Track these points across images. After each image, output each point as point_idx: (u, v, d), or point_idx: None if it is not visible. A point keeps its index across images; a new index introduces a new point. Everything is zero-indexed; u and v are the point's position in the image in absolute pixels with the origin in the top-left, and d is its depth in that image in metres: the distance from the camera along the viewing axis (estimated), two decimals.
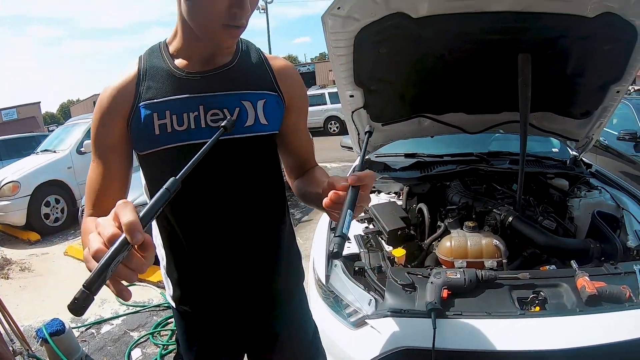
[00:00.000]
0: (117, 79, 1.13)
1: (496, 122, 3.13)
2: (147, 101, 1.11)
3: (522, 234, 2.25)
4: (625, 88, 2.67)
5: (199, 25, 1.07)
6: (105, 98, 1.12)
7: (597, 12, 2.16)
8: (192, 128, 1.12)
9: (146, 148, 1.13)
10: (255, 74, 1.21)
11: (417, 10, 2.15)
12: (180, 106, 1.12)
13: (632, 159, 5.61)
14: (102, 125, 1.13)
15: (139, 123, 1.11)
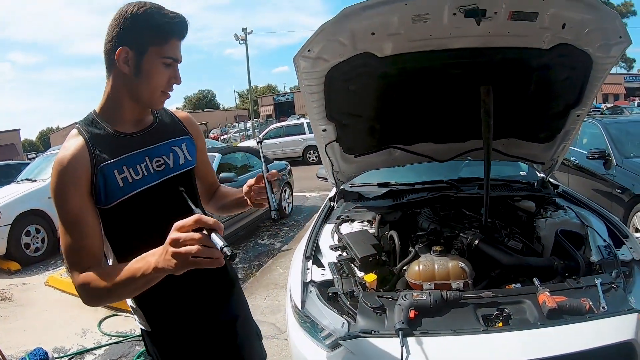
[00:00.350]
0: (69, 150, 1.31)
1: (463, 150, 3.28)
2: (105, 162, 1.33)
3: (488, 256, 2.38)
4: (585, 111, 2.84)
5: (145, 94, 1.36)
6: (66, 169, 1.29)
7: (553, 44, 2.36)
8: (145, 175, 1.40)
9: (113, 199, 1.34)
10: (172, 125, 1.55)
11: (382, 50, 2.32)
12: (132, 161, 1.38)
13: (603, 177, 5.78)
14: (71, 187, 1.29)
15: (104, 181, 1.32)
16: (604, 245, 2.37)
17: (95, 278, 1.23)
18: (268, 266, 5.87)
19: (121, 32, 1.30)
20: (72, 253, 1.29)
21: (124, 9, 1.31)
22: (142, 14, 1.30)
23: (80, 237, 1.29)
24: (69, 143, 1.33)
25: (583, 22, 2.18)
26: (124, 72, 1.32)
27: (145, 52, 1.31)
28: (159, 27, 1.31)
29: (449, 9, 2.04)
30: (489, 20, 2.09)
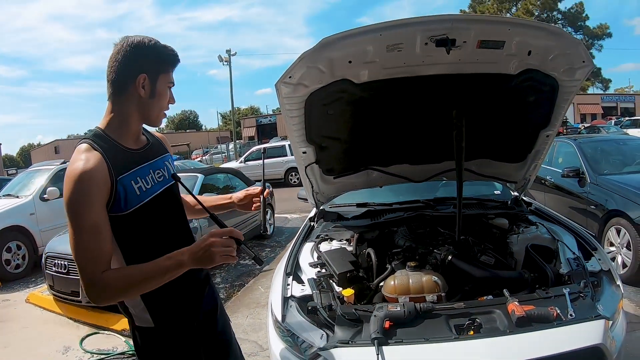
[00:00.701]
0: (89, 163, 1.45)
1: (438, 171, 3.42)
2: (122, 174, 1.52)
3: (461, 270, 2.50)
4: (554, 132, 3.01)
5: (153, 113, 1.63)
6: (89, 180, 1.43)
7: (520, 69, 2.53)
8: (153, 185, 1.63)
9: (132, 206, 1.53)
10: (158, 144, 1.78)
11: (359, 76, 2.47)
12: (142, 172, 1.60)
13: (578, 194, 5.94)
14: (94, 198, 1.44)
15: (124, 190, 1.51)
16: (573, 257, 2.51)
17: (120, 276, 1.46)
18: (250, 286, 5.91)
19: (137, 62, 1.54)
20: (93, 258, 1.42)
21: (131, 40, 1.55)
22: (151, 45, 1.57)
23: (102, 242, 1.44)
24: (86, 156, 1.47)
25: (547, 48, 2.35)
26: (140, 94, 1.56)
27: (157, 78, 1.58)
28: (166, 58, 1.61)
29: (420, 39, 2.19)
30: (458, 49, 2.24)
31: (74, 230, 1.42)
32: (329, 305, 2.16)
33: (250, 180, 8.77)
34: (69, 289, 5.16)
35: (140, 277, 1.46)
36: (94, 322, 4.95)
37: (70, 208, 1.42)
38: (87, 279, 1.41)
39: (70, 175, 1.43)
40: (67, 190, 1.42)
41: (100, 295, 1.43)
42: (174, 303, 1.69)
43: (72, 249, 1.43)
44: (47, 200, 7.82)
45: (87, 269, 1.42)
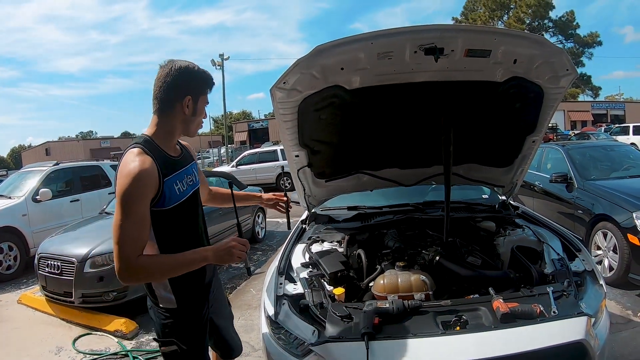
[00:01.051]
0: (145, 165, 1.74)
1: (428, 175, 3.50)
2: (167, 177, 1.83)
3: (448, 270, 2.58)
4: (540, 137, 3.10)
5: (193, 127, 1.96)
6: (144, 178, 1.72)
7: (506, 77, 2.62)
8: (186, 187, 1.95)
9: (172, 203, 1.85)
10: (187, 153, 2.08)
11: (351, 83, 2.56)
12: (180, 177, 1.92)
13: (566, 199, 6.05)
14: (146, 194, 1.74)
15: (169, 190, 1.83)
16: (557, 258, 2.60)
17: (153, 262, 1.78)
18: (241, 288, 5.93)
19: (184, 84, 1.84)
20: (133, 244, 1.70)
21: (178, 64, 1.85)
22: (194, 70, 1.88)
23: (143, 231, 1.74)
24: (142, 158, 1.76)
25: (532, 57, 2.45)
26: (184, 112, 1.87)
27: (199, 99, 1.91)
28: (206, 81, 1.93)
29: (410, 48, 2.28)
30: (446, 58, 2.33)
31: (123, 218, 1.68)
32: (320, 303, 2.24)
33: (242, 184, 8.79)
34: (62, 290, 5.16)
35: (169, 264, 1.80)
36: (87, 323, 4.96)
37: (125, 199, 1.70)
38: (124, 261, 1.68)
39: (129, 172, 1.71)
40: (125, 184, 1.70)
41: (132, 276, 1.73)
42: (194, 289, 2.03)
43: (116, 233, 1.68)
44: (39, 202, 7.82)
45: (126, 252, 1.68)
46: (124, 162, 1.78)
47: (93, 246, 5.12)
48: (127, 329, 4.66)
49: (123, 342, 4.46)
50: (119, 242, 1.68)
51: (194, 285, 2.03)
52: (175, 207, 1.87)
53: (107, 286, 4.94)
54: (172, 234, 1.91)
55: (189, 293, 2.01)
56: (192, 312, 2.05)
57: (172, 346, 2.01)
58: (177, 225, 1.92)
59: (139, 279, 1.86)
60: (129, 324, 4.74)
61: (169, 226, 1.89)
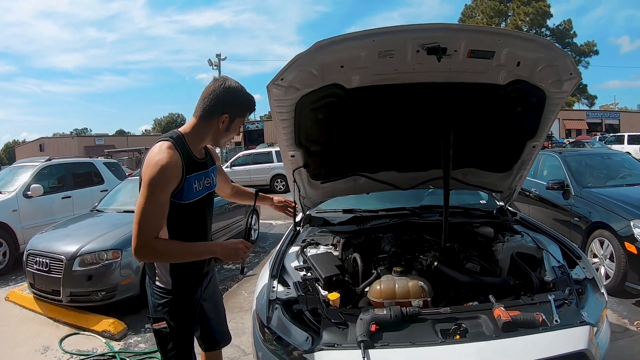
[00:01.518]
0: (173, 158, 1.93)
1: (425, 179, 3.44)
2: (189, 175, 2.02)
3: (447, 276, 2.51)
4: (540, 142, 3.05)
5: (222, 141, 2.16)
6: (170, 169, 1.91)
7: (509, 80, 2.57)
8: (202, 188, 2.13)
9: (191, 198, 2.05)
10: (210, 157, 2.24)
11: (350, 82, 2.49)
12: (199, 177, 2.10)
13: (563, 206, 6.03)
14: (169, 184, 1.93)
15: (188, 186, 2.02)
16: (557, 265, 2.55)
17: (167, 246, 1.97)
18: (233, 290, 5.85)
19: (226, 103, 2.02)
20: (152, 226, 1.88)
21: (228, 83, 2.04)
22: (239, 93, 2.06)
23: (162, 216, 1.93)
24: (171, 153, 1.94)
25: (536, 60, 2.39)
26: (219, 127, 2.06)
27: (235, 119, 2.09)
28: (247, 106, 2.10)
29: (412, 47, 2.22)
30: (449, 58, 2.27)
31: (147, 201, 1.87)
32: (314, 309, 2.16)
33: None
34: (50, 288, 5.08)
35: (180, 251, 2.00)
36: (74, 323, 4.89)
37: (151, 185, 1.88)
38: (142, 240, 1.87)
39: (158, 162, 1.89)
40: (153, 172, 1.87)
41: (146, 254, 1.93)
42: (190, 275, 2.19)
43: (138, 214, 1.86)
44: (30, 197, 7.73)
45: (145, 233, 1.87)
46: (153, 152, 1.96)
47: (82, 244, 5.04)
48: (115, 330, 4.59)
49: (111, 342, 4.40)
50: (140, 222, 1.87)
51: (191, 272, 2.19)
52: (189, 204, 2.05)
53: (96, 285, 4.87)
54: (182, 226, 2.07)
55: (184, 278, 2.17)
56: (185, 295, 2.19)
57: (162, 323, 2.13)
58: (188, 219, 2.10)
59: (150, 258, 2.04)
60: (117, 325, 4.66)
61: (181, 219, 2.05)
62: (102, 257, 4.92)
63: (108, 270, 4.90)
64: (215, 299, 2.51)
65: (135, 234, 1.87)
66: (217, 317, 2.50)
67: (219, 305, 2.57)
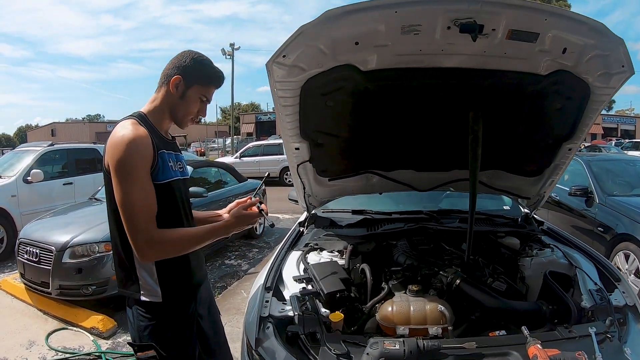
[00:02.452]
0: (139, 132, 1.69)
1: (446, 180, 3.11)
2: (161, 150, 1.77)
3: (469, 297, 2.17)
4: (577, 145, 2.70)
5: (179, 114, 1.87)
6: (141, 145, 1.68)
7: (551, 70, 2.20)
8: (177, 170, 1.88)
9: (165, 178, 1.78)
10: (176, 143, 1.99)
11: (366, 63, 2.12)
12: (172, 157, 1.86)
13: (583, 213, 5.74)
14: (145, 160, 1.68)
15: (162, 163, 1.76)
16: (595, 289, 2.22)
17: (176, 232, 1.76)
18: (232, 289, 5.65)
19: (182, 66, 1.80)
20: (148, 214, 1.67)
21: (189, 53, 1.85)
22: (199, 61, 1.84)
23: (151, 198, 1.69)
24: (136, 127, 1.71)
25: (585, 47, 2.03)
26: (172, 92, 1.82)
27: (191, 86, 1.83)
28: (206, 74, 1.86)
29: (443, 22, 1.85)
30: (485, 38, 1.91)
31: (129, 188, 1.63)
32: (312, 333, 1.82)
33: (242, 176, 8.45)
34: (39, 279, 4.92)
35: (193, 234, 1.80)
36: (63, 317, 4.74)
37: (125, 168, 1.63)
38: (145, 233, 1.64)
39: (123, 139, 1.64)
40: (120, 152, 1.63)
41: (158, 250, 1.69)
42: (182, 281, 1.88)
43: (125, 207, 1.63)
44: (30, 183, 7.62)
45: (143, 223, 1.63)
46: (114, 133, 1.71)
47: (74, 235, 4.87)
48: (104, 327, 4.43)
49: (99, 341, 4.24)
50: (130, 217, 1.63)
51: (182, 278, 1.89)
52: (167, 185, 1.79)
53: (86, 279, 4.68)
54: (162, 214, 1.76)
55: (177, 286, 1.86)
56: (178, 309, 1.87)
57: (150, 351, 1.78)
58: (167, 206, 1.80)
59: (161, 253, 1.73)
60: (106, 322, 4.50)
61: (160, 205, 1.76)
62: (93, 250, 4.74)
63: (99, 264, 4.70)
64: (212, 314, 2.14)
65: (134, 232, 1.62)
66: (216, 337, 2.11)
67: (217, 320, 2.19)
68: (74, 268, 4.66)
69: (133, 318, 1.82)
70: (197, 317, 1.96)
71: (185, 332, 1.87)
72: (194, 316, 1.93)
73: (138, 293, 1.79)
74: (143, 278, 1.78)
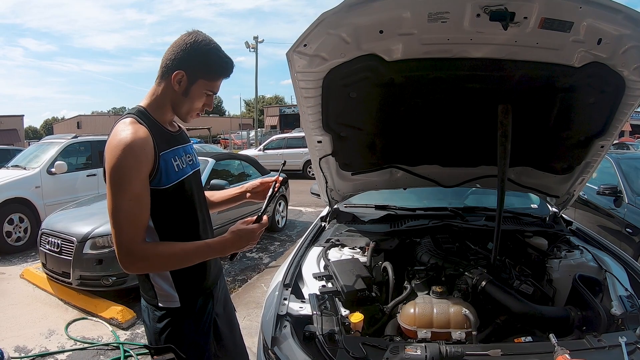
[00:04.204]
0: (137, 134, 1.53)
1: (473, 177, 3.00)
2: (164, 151, 1.62)
3: (495, 300, 2.06)
4: (609, 143, 2.57)
5: (183, 110, 1.70)
6: (138, 150, 1.52)
7: (585, 62, 2.08)
8: (185, 166, 1.74)
9: (173, 180, 1.64)
10: (184, 132, 1.87)
11: (391, 53, 2.03)
12: (178, 153, 1.72)
13: (610, 212, 5.55)
14: (142, 166, 1.53)
15: (165, 165, 1.62)
16: (626, 295, 2.10)
17: (161, 249, 1.58)
18: (252, 282, 5.63)
19: (183, 58, 1.61)
20: (134, 226, 1.51)
21: (192, 38, 1.63)
22: (205, 50, 1.63)
23: (143, 211, 1.54)
24: (135, 127, 1.55)
25: (621, 38, 1.91)
26: (174, 88, 1.64)
27: (195, 81, 1.65)
28: (213, 66, 1.66)
29: (472, 9, 1.75)
30: (516, 26, 1.81)
31: (118, 196, 1.49)
32: (330, 333, 1.75)
33: (265, 169, 8.44)
34: (60, 270, 4.98)
35: (180, 252, 1.59)
36: (83, 307, 4.78)
37: (118, 174, 1.49)
38: (125, 246, 1.49)
39: (120, 143, 1.50)
40: (115, 157, 1.48)
41: (136, 263, 1.53)
42: (200, 282, 1.79)
43: (112, 216, 1.50)
44: (54, 174, 7.72)
45: (126, 235, 1.49)
46: (113, 133, 1.57)
47: (96, 226, 4.90)
48: (123, 318, 4.46)
49: (117, 331, 4.26)
50: (116, 226, 1.50)
51: (199, 279, 1.80)
52: (172, 189, 1.65)
53: (107, 270, 4.71)
54: (170, 220, 1.67)
55: (194, 288, 1.78)
56: (196, 313, 1.79)
57: (168, 354, 1.71)
58: (178, 208, 1.70)
59: (140, 268, 1.61)
60: (125, 313, 4.53)
61: (167, 211, 1.65)
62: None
63: None
64: (228, 312, 2.05)
65: (116, 241, 1.49)
66: (231, 335, 2.02)
67: (233, 318, 2.10)
68: (95, 259, 4.70)
69: (149, 321, 1.75)
70: (214, 315, 1.87)
71: (204, 334, 1.80)
72: (211, 316, 1.85)
73: (155, 299, 1.72)
74: (158, 284, 1.71)
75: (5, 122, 37.16)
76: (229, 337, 1.98)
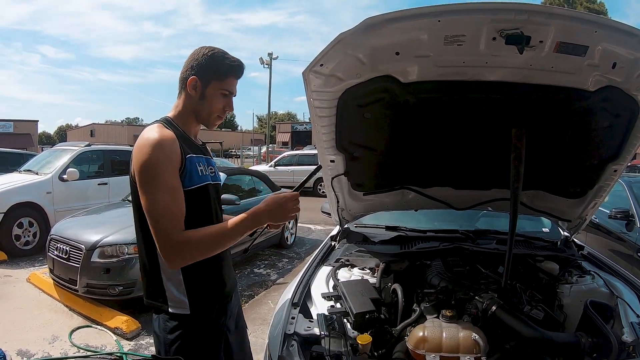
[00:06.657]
0: (166, 134, 1.64)
1: (485, 199, 2.97)
2: (189, 154, 1.71)
3: (505, 325, 2.03)
4: (623, 167, 2.55)
5: (204, 114, 1.80)
6: (168, 147, 1.61)
7: (599, 85, 2.06)
8: (207, 174, 1.81)
9: (194, 184, 1.70)
10: (206, 148, 1.95)
11: (407, 74, 2.03)
12: (202, 161, 1.80)
13: (622, 237, 5.50)
14: (172, 161, 1.62)
15: (190, 167, 1.69)
16: (637, 322, 2.06)
17: (200, 233, 1.61)
18: (259, 298, 5.63)
19: (195, 66, 1.74)
20: (173, 217, 1.56)
21: (200, 50, 1.77)
22: (211, 56, 1.75)
23: (179, 202, 1.60)
24: (162, 130, 1.66)
25: (636, 62, 1.89)
26: (192, 95, 1.76)
27: (209, 83, 1.75)
28: (221, 67, 1.76)
29: (488, 32, 1.75)
30: (532, 50, 1.79)
31: (153, 191, 1.56)
32: (338, 354, 1.73)
33: (276, 185, 8.42)
34: (67, 276, 5.04)
35: (221, 233, 1.64)
36: (88, 315, 4.82)
37: (150, 170, 1.57)
38: (166, 238, 1.54)
39: (149, 141, 1.59)
40: (147, 154, 1.56)
41: (184, 254, 1.58)
42: (212, 291, 1.81)
43: (150, 211, 1.55)
44: (65, 181, 7.81)
45: (166, 227, 1.54)
46: (141, 136, 1.65)
47: (105, 235, 4.94)
48: (127, 328, 4.48)
49: (121, 341, 4.27)
50: (154, 222, 1.56)
51: (212, 288, 1.82)
52: (196, 190, 1.71)
53: (114, 279, 4.76)
54: (188, 222, 1.64)
55: (205, 297, 1.78)
56: (208, 322, 1.79)
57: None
58: (198, 212, 1.71)
59: (187, 257, 1.61)
60: (130, 323, 4.55)
61: (187, 213, 1.65)
62: (122, 251, 4.80)
63: (128, 265, 4.77)
64: (240, 328, 2.06)
65: (156, 237, 1.54)
66: (241, 353, 2.02)
67: (245, 335, 2.12)
68: (102, 268, 4.74)
69: (159, 330, 1.75)
70: (226, 330, 1.87)
71: (214, 348, 1.80)
72: (222, 330, 1.84)
73: (165, 305, 1.72)
74: (169, 289, 1.71)
75: (20, 127, 37.77)
76: (239, 354, 1.97)
